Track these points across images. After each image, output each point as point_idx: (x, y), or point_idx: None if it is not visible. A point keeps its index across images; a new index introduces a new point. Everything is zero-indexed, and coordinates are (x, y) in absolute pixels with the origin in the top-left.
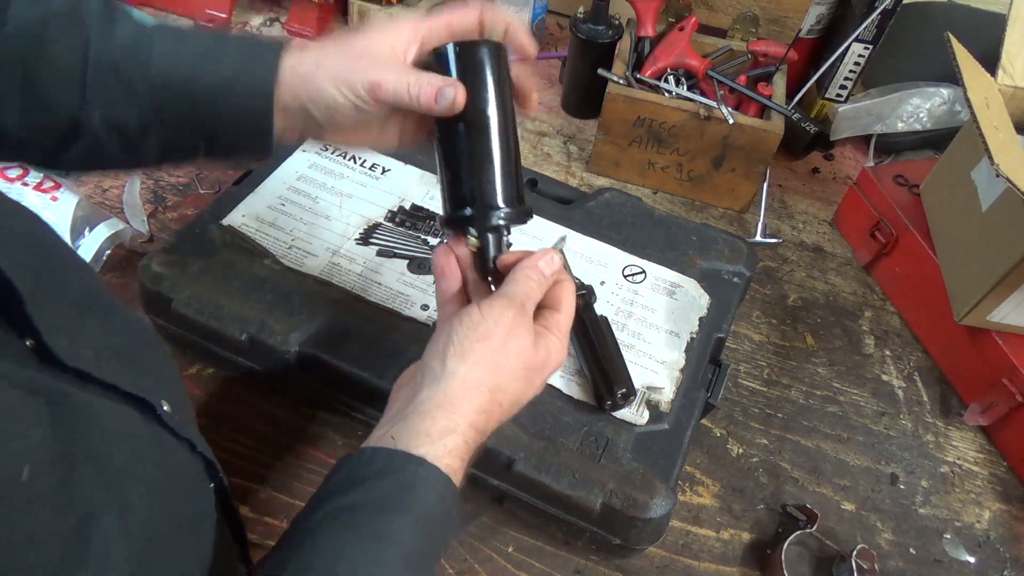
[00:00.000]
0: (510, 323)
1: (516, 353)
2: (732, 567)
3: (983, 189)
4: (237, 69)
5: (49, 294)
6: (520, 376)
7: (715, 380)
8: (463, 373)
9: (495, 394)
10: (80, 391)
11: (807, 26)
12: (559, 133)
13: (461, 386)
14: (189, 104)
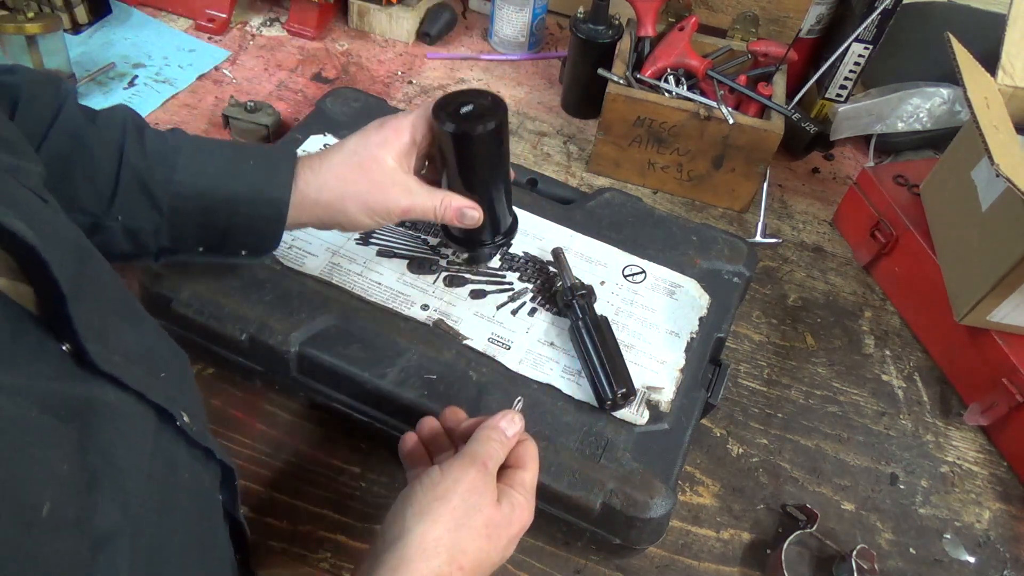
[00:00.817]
0: (470, 481)
1: (477, 510)
2: (732, 567)
3: (983, 189)
4: (254, 185)
5: (87, 297)
6: (482, 534)
7: (715, 380)
8: (420, 532)
9: (455, 555)
10: (109, 398)
11: (807, 26)
12: (559, 133)
13: (418, 546)
14: (204, 214)
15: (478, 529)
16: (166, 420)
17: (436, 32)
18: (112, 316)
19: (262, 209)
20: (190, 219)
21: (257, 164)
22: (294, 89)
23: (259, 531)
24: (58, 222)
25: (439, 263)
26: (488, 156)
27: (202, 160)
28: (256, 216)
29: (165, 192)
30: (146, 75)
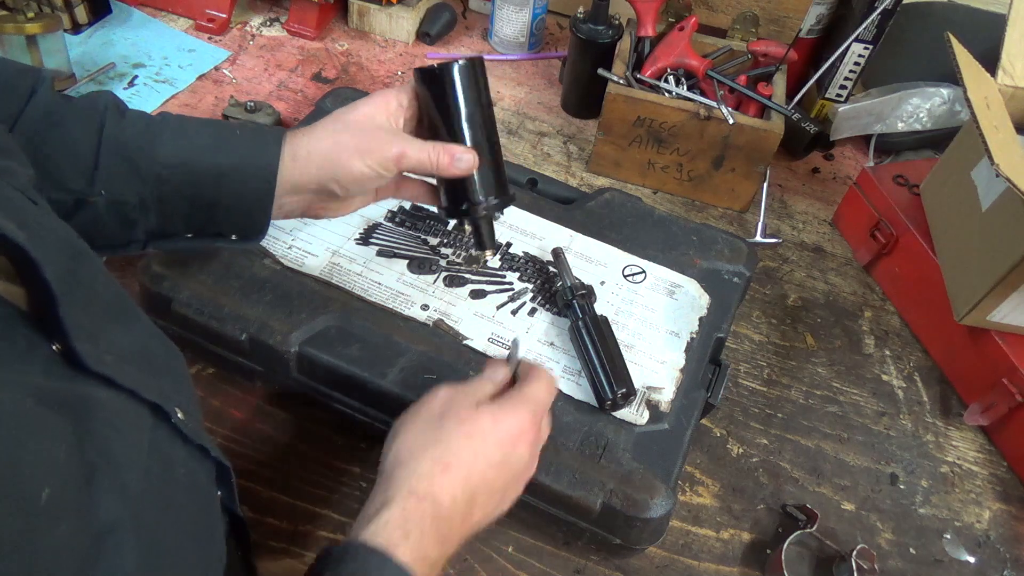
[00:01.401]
0: (449, 396)
1: (458, 420)
2: (732, 567)
3: (983, 189)
4: (243, 154)
5: (79, 297)
6: (464, 434)
7: (715, 380)
8: (396, 447)
9: (441, 454)
10: (102, 396)
11: (807, 26)
12: (559, 133)
13: (395, 458)
14: (192, 187)
15: (460, 431)
16: (161, 418)
17: (436, 32)
18: (105, 316)
19: (251, 179)
20: (176, 193)
21: (244, 135)
22: (294, 89)
23: (259, 531)
24: (49, 223)
25: (439, 263)
26: (469, 97)
27: (188, 133)
28: (245, 187)
29: (149, 164)
30: (146, 75)
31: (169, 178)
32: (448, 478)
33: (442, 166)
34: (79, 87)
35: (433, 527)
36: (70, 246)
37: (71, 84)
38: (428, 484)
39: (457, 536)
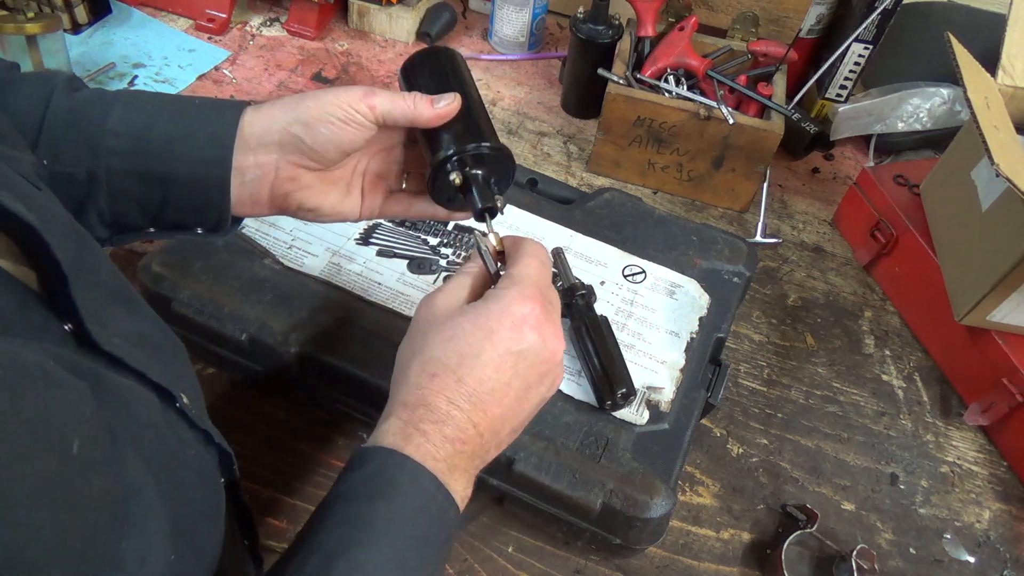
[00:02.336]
0: (428, 305)
1: (438, 326)
2: (732, 567)
3: (983, 189)
4: (197, 122)
5: (85, 282)
6: (444, 338)
7: (715, 380)
8: (394, 371)
9: (425, 364)
10: (112, 375)
11: (807, 26)
12: (559, 133)
13: (392, 380)
14: (141, 159)
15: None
16: (167, 401)
17: (436, 32)
18: (109, 300)
19: (205, 146)
20: (125, 169)
21: (203, 105)
22: (294, 89)
23: (260, 531)
24: (53, 207)
25: (439, 263)
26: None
27: (141, 103)
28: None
29: (98, 135)
30: (146, 75)
31: (117, 149)
32: (437, 383)
33: (420, 108)
34: None
35: (436, 430)
36: (74, 230)
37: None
38: (417, 393)
39: (480, 435)
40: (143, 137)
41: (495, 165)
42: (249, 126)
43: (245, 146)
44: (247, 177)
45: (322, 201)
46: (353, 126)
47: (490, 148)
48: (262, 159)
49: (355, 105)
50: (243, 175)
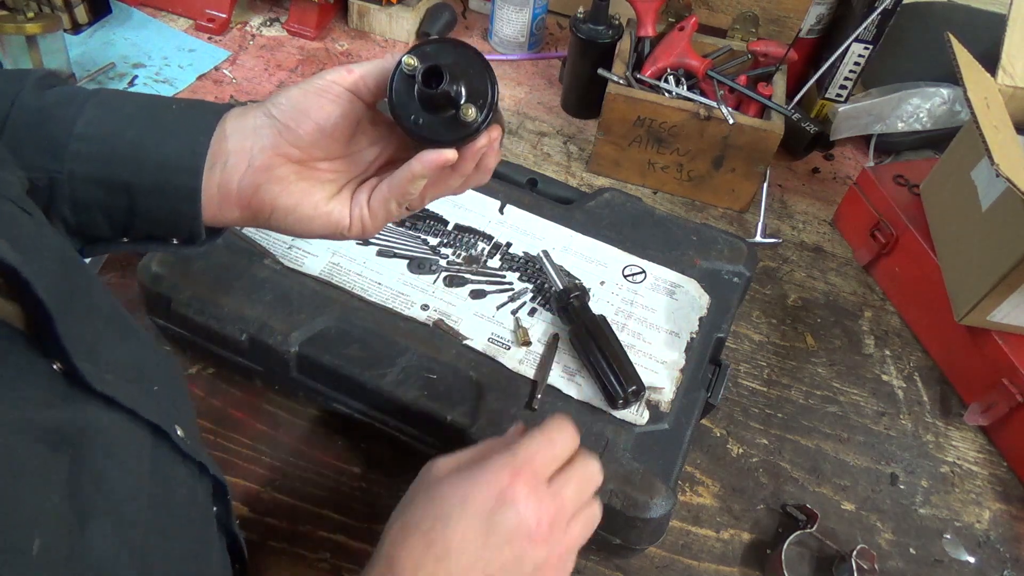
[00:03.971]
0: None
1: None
2: (732, 567)
3: (983, 189)
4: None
5: (76, 313)
6: (428, 498)
7: (715, 380)
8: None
9: (404, 524)
10: (102, 419)
11: (807, 26)
12: (559, 133)
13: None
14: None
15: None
16: (160, 436)
17: (436, 32)
18: (102, 329)
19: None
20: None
21: (180, 110)
22: None
23: (259, 531)
24: (42, 234)
25: (439, 263)
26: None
27: (115, 106)
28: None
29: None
30: (146, 75)
31: (82, 153)
32: (408, 544)
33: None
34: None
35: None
36: (64, 258)
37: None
38: (391, 552)
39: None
40: (111, 141)
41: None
42: (230, 119)
43: (221, 135)
44: (217, 169)
45: (301, 199)
46: (329, 96)
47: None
48: (234, 146)
49: (331, 74)
50: (213, 166)
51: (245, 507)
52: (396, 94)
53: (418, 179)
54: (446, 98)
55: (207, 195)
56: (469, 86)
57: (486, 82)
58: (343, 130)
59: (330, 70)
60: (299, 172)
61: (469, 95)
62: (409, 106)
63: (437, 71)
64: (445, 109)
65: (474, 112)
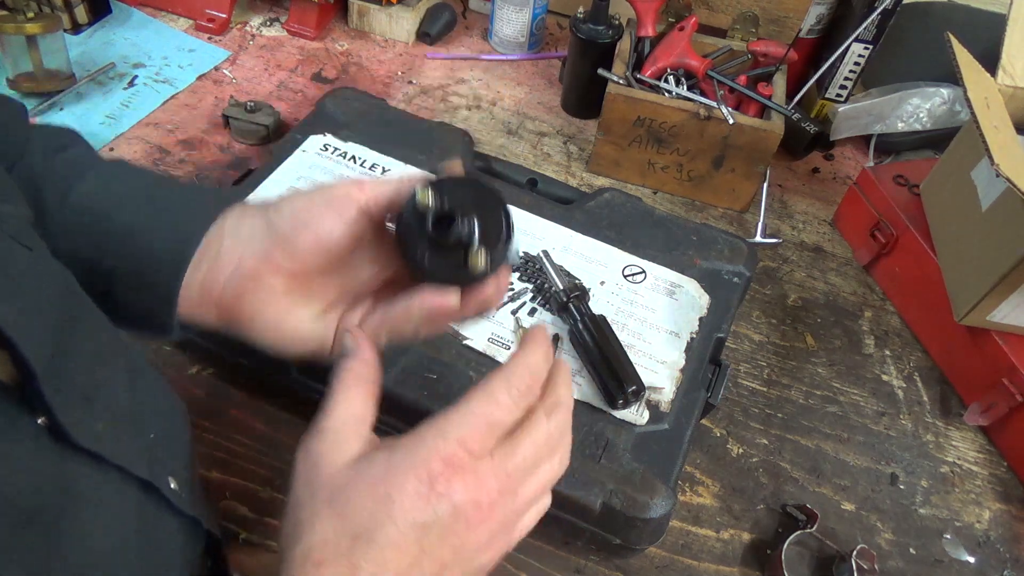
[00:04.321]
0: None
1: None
2: (732, 567)
3: (983, 189)
4: (162, 216)
5: (73, 358)
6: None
7: (715, 380)
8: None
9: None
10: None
11: (807, 26)
12: (559, 133)
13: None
14: (91, 245)
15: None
16: (151, 491)
17: (436, 32)
18: (103, 372)
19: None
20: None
21: (178, 197)
22: (294, 89)
23: (259, 531)
24: (42, 272)
25: None
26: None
27: (115, 182)
28: (148, 264)
29: (56, 208)
30: (146, 75)
31: (70, 229)
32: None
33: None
34: (79, 87)
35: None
36: (65, 298)
37: (71, 84)
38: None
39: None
40: (100, 224)
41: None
42: (229, 216)
43: (216, 232)
44: (203, 265)
45: (284, 315)
46: (335, 211)
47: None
48: (226, 246)
49: (341, 188)
50: (200, 262)
51: (245, 507)
52: (405, 225)
53: (414, 318)
54: (456, 243)
55: (188, 292)
56: (483, 229)
57: (501, 228)
58: (344, 247)
59: (343, 183)
60: (288, 285)
61: (481, 239)
62: (417, 240)
63: (449, 216)
64: (454, 252)
65: (483, 261)
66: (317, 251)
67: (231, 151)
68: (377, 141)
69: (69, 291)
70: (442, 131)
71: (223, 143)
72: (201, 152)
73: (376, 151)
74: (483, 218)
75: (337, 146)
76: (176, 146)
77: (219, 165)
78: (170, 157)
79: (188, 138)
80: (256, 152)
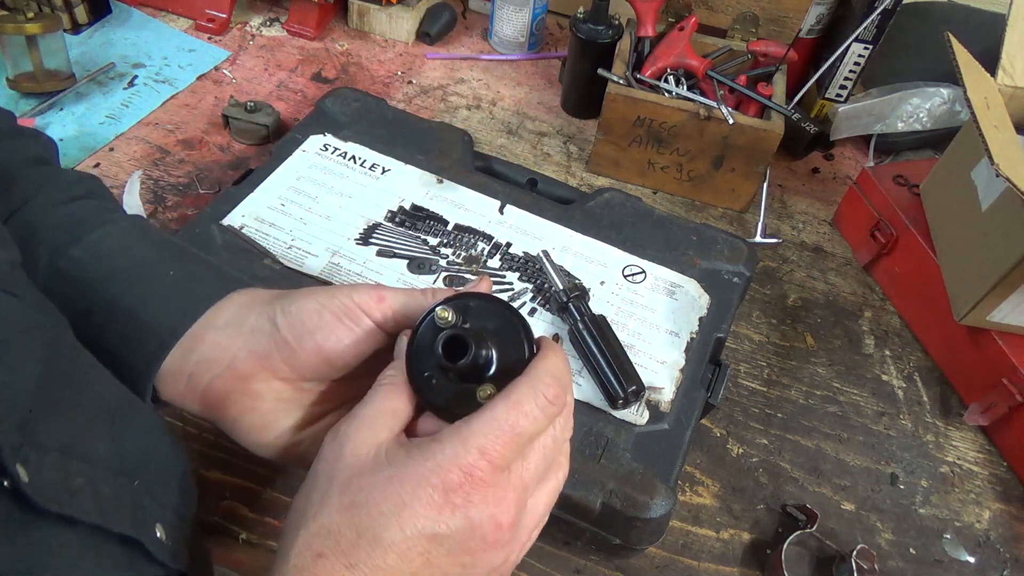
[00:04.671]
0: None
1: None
2: (732, 567)
3: (983, 189)
4: (153, 299)
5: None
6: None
7: (715, 380)
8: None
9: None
10: (61, 534)
11: (807, 26)
12: (559, 133)
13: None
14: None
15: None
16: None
17: (436, 32)
18: (83, 421)
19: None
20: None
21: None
22: (294, 89)
23: (259, 531)
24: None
25: (439, 263)
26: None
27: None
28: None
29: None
30: (146, 75)
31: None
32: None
33: (439, 297)
34: (79, 87)
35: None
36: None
37: (71, 84)
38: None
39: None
40: (85, 297)
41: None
42: (232, 305)
43: (210, 323)
44: (194, 355)
45: (268, 423)
46: (347, 322)
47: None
48: (222, 339)
49: (359, 296)
50: (192, 352)
51: (245, 507)
52: (418, 342)
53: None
54: (467, 370)
55: (175, 377)
56: (501, 359)
57: (522, 362)
58: (349, 360)
59: (359, 290)
60: (278, 392)
61: (497, 371)
62: (427, 359)
63: (463, 344)
64: (464, 379)
65: (491, 395)
66: (319, 363)
67: (231, 151)
68: (377, 141)
69: (48, 343)
70: (442, 131)
71: (223, 143)
72: (201, 152)
73: (376, 151)
74: (503, 349)
75: (337, 146)
76: (176, 146)
77: (219, 165)
78: (170, 157)
79: (188, 138)
80: (256, 152)
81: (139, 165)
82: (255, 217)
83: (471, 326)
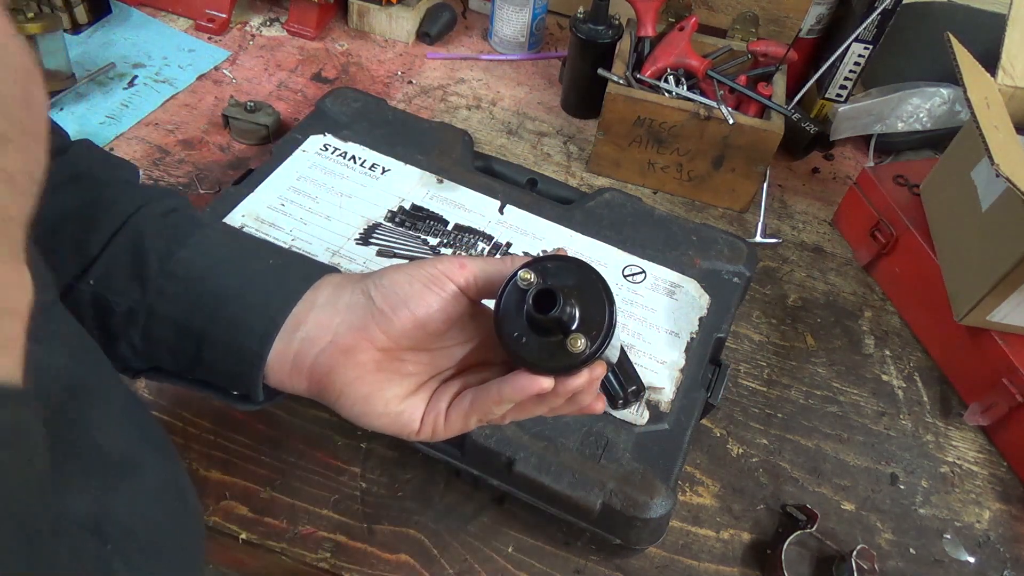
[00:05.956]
0: None
1: None
2: (732, 567)
3: (983, 189)
4: (255, 284)
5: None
6: None
7: (715, 380)
8: None
9: None
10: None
11: (807, 26)
12: (559, 133)
13: None
14: (185, 309)
15: None
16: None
17: (436, 32)
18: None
19: (249, 320)
20: (166, 315)
21: (272, 267)
22: (294, 89)
23: (259, 531)
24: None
25: None
26: None
27: (212, 248)
28: (238, 330)
29: (155, 272)
30: (146, 75)
31: (167, 291)
32: None
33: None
34: (79, 87)
35: None
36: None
37: (71, 84)
38: None
39: None
40: (196, 287)
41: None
42: (326, 286)
43: (309, 303)
44: (298, 334)
45: (373, 392)
46: (435, 289)
47: (578, 263)
48: (322, 317)
49: (443, 264)
50: (295, 331)
51: (245, 507)
52: (503, 305)
53: (505, 402)
54: (555, 324)
55: (281, 361)
56: (584, 314)
57: (603, 313)
58: (440, 325)
59: (442, 260)
60: (379, 361)
61: (581, 324)
62: (515, 321)
63: (551, 295)
64: (552, 334)
65: (583, 344)
66: (414, 329)
67: (231, 151)
68: (377, 141)
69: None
70: (442, 131)
71: (223, 143)
72: (201, 152)
73: (376, 151)
74: (585, 304)
75: (337, 146)
76: (176, 146)
77: (219, 165)
78: (170, 157)
79: (188, 138)
80: (256, 152)
81: (139, 165)
82: (255, 217)
83: (553, 283)
